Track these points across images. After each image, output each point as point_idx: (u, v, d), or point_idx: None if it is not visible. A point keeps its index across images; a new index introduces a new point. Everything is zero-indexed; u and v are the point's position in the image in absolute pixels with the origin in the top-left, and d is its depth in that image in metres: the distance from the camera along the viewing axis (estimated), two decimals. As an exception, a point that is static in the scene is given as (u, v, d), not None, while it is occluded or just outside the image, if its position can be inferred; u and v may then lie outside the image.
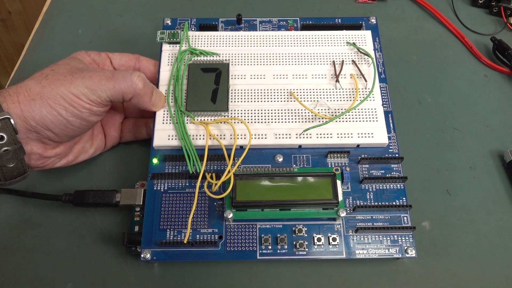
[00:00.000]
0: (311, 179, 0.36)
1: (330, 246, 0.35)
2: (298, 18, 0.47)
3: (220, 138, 0.38)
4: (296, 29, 0.46)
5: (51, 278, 0.36)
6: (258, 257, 0.35)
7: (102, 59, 0.40)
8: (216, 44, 0.43)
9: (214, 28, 0.45)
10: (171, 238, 0.35)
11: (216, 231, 0.35)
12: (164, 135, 0.38)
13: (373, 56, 0.42)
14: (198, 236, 0.35)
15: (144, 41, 0.51)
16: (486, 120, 0.46)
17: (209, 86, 0.40)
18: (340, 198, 0.35)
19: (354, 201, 0.37)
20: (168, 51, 0.42)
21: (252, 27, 0.46)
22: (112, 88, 0.35)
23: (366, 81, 0.41)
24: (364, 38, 0.44)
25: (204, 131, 0.38)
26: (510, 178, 0.42)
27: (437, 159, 0.43)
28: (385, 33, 0.55)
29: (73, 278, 0.36)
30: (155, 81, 0.41)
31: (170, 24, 0.45)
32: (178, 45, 0.43)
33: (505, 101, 0.48)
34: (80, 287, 0.36)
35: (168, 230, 0.35)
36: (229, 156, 0.36)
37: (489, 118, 0.46)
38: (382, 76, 0.43)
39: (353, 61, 0.42)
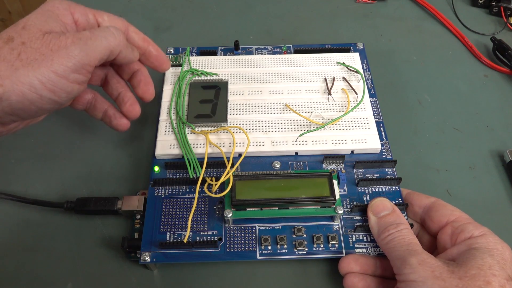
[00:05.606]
0: (308, 179, 0.36)
1: (330, 245, 0.35)
2: (291, 45, 0.49)
3: (220, 146, 0.39)
4: (289, 54, 0.48)
5: (51, 279, 0.36)
6: (258, 257, 0.35)
7: (90, 23, 0.34)
8: (216, 67, 0.45)
9: (213, 53, 0.47)
10: (170, 240, 0.35)
11: (216, 233, 0.36)
12: (165, 144, 0.39)
13: (362, 72, 0.44)
14: (198, 238, 0.35)
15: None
16: (486, 120, 0.46)
17: (209, 100, 0.42)
18: (337, 196, 0.35)
19: (352, 203, 0.37)
20: (171, 73, 0.44)
21: (248, 54, 0.48)
22: (99, 44, 0.31)
23: (356, 93, 0.42)
24: (353, 59, 0.46)
25: (204, 140, 0.39)
26: (510, 178, 0.42)
27: (437, 159, 0.43)
28: (385, 33, 0.55)
29: (73, 279, 0.36)
30: None
31: (173, 52, 0.47)
32: (180, 67, 0.45)
33: (505, 101, 0.48)
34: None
35: (168, 233, 0.35)
36: (228, 161, 0.36)
37: (489, 118, 0.46)
38: (371, 92, 0.45)
39: (343, 77, 0.44)
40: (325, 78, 0.44)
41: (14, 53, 0.28)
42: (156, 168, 0.39)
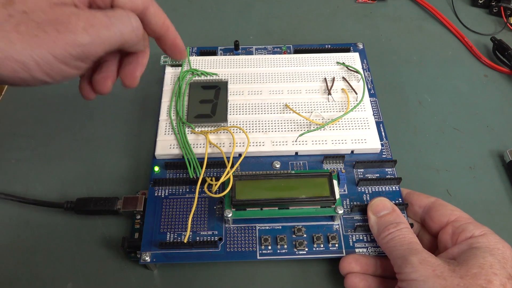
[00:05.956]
0: (308, 179, 0.36)
1: (330, 245, 0.35)
2: (291, 45, 0.49)
3: (220, 146, 0.39)
4: (289, 54, 0.48)
5: (51, 279, 0.36)
6: (258, 257, 0.35)
7: None
8: (216, 67, 0.45)
9: (213, 53, 0.47)
10: (170, 240, 0.35)
11: (216, 233, 0.36)
12: (165, 144, 0.39)
13: (362, 72, 0.44)
14: (198, 238, 0.35)
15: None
16: (486, 120, 0.46)
17: (209, 100, 0.42)
18: (337, 196, 0.35)
19: (352, 203, 0.37)
20: (171, 73, 0.44)
21: (248, 54, 0.48)
22: (113, 36, 0.26)
23: (356, 93, 0.42)
24: (353, 59, 0.46)
25: (204, 140, 0.39)
26: (510, 178, 0.42)
27: (437, 159, 0.43)
28: (385, 33, 0.55)
29: (73, 279, 0.36)
30: None
31: None
32: (180, 67, 0.45)
33: (505, 101, 0.48)
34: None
35: (168, 233, 0.35)
36: (228, 161, 0.36)
37: (489, 118, 0.46)
38: (371, 92, 0.45)
39: (343, 77, 0.44)
40: (325, 78, 0.44)
41: (11, 22, 0.24)
42: (156, 168, 0.39)
